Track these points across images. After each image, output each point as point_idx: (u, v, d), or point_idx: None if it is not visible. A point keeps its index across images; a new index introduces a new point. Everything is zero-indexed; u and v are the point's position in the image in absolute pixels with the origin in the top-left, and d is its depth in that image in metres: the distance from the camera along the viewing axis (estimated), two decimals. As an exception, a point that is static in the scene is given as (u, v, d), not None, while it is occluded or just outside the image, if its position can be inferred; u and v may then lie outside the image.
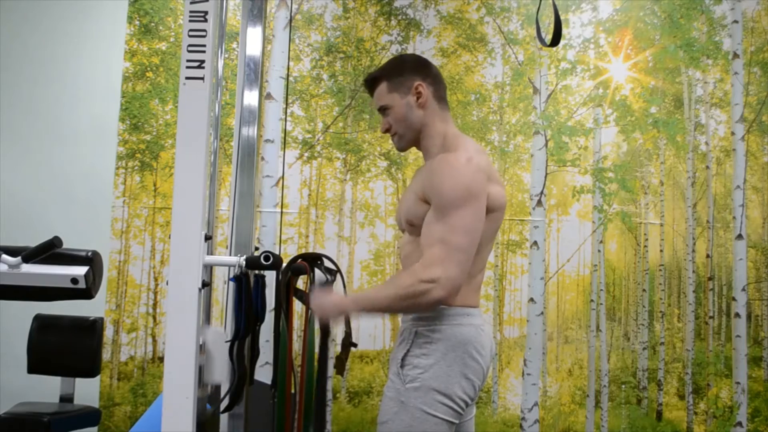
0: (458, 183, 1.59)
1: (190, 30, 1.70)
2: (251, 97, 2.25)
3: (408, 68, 1.79)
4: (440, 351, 1.62)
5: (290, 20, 3.52)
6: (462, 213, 1.58)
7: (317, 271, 2.00)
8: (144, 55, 3.47)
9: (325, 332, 1.95)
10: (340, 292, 1.81)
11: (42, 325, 3.10)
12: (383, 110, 1.80)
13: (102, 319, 3.16)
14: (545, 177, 3.55)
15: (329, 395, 3.39)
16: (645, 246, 3.57)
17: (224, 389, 2.05)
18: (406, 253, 1.76)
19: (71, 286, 1.97)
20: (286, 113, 3.43)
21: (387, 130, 1.81)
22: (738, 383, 3.50)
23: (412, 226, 1.70)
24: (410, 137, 1.79)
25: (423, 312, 1.64)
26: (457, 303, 1.65)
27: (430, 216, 1.62)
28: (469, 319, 1.66)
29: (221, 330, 1.86)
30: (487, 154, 1.83)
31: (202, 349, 1.76)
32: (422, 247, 1.61)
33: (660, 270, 3.57)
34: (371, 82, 1.83)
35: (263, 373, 2.87)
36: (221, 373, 1.84)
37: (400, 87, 1.77)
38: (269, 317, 2.02)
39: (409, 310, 1.65)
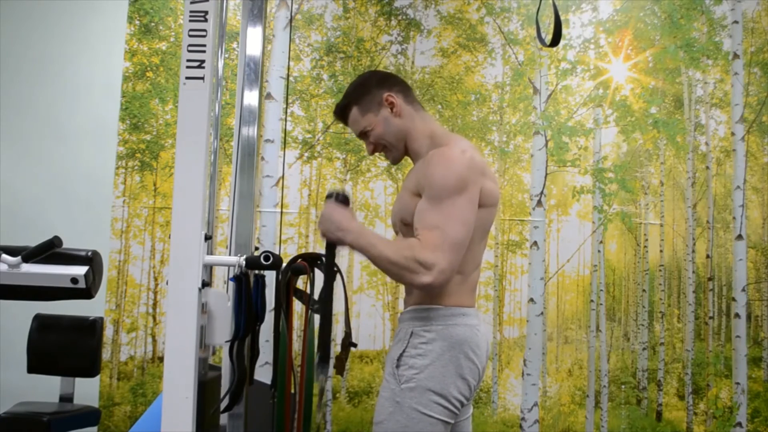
0: (451, 172, 1.59)
1: (190, 30, 1.70)
2: (251, 97, 2.25)
3: (373, 84, 1.79)
4: (436, 351, 1.62)
5: (290, 20, 3.52)
6: (455, 202, 1.58)
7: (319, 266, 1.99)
8: (144, 54, 3.47)
9: (330, 249, 1.75)
10: (351, 213, 1.70)
11: (42, 324, 3.10)
12: (363, 135, 1.80)
13: (102, 318, 3.16)
14: (545, 177, 3.55)
15: (329, 395, 3.39)
16: (645, 246, 3.57)
17: (224, 388, 2.06)
18: None
19: (71, 285, 1.97)
20: (286, 113, 3.43)
21: (374, 152, 1.82)
22: (738, 384, 3.50)
23: (406, 225, 1.70)
24: (401, 147, 1.79)
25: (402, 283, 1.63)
26: (453, 303, 1.65)
27: (423, 203, 1.61)
28: (465, 319, 1.66)
29: (223, 292, 1.87)
30: (480, 152, 1.82)
31: (204, 309, 1.76)
32: (417, 228, 1.59)
33: (660, 270, 3.57)
34: (342, 112, 1.82)
35: (263, 373, 2.87)
36: (222, 334, 1.84)
37: (371, 105, 1.77)
38: (269, 317, 2.02)
39: (392, 276, 1.65)
